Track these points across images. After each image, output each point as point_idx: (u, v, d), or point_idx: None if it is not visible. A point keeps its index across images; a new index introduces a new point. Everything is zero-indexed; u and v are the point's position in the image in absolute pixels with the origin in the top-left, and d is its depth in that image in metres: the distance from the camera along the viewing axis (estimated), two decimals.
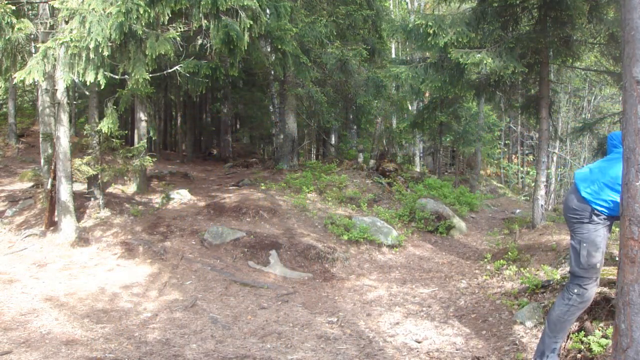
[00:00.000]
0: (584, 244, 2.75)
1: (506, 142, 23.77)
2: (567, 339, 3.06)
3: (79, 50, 4.81)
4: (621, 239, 2.04)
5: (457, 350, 3.32)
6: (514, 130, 22.80)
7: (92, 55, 4.83)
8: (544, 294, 3.99)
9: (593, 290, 2.74)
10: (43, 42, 5.48)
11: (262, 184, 9.47)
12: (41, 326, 3.71)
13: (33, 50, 7.72)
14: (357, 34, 11.25)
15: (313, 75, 9.72)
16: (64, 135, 6.05)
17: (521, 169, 22.77)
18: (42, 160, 7.27)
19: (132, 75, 5.20)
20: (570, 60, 7.66)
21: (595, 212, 2.75)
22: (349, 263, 5.97)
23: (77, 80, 5.52)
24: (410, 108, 17.03)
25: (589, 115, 18.01)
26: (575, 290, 2.74)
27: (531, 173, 20.56)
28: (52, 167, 6.35)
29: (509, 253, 5.66)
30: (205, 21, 5.54)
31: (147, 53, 5.08)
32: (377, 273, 5.70)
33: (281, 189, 9.01)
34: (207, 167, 14.11)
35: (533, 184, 10.31)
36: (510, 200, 14.82)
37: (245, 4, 5.43)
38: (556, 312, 2.79)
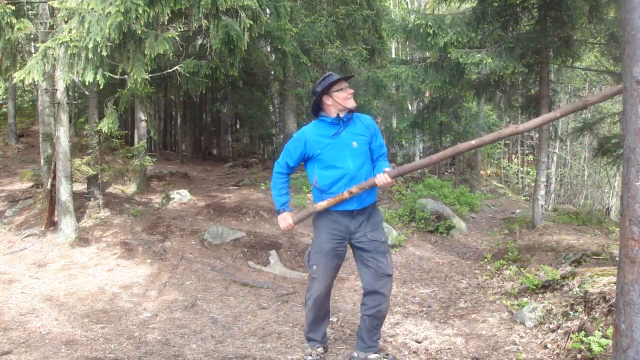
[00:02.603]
0: (309, 249, 2.98)
1: (506, 142, 23.75)
2: (568, 339, 3.06)
3: (79, 50, 4.80)
4: (621, 239, 2.04)
5: (457, 350, 3.32)
6: None
7: (91, 55, 4.82)
8: (544, 294, 3.99)
9: (314, 287, 2.91)
10: (43, 42, 5.47)
11: (262, 184, 9.47)
12: (41, 326, 3.71)
13: (33, 50, 7.72)
14: (357, 34, 11.25)
15: (313, 75, 9.71)
16: (63, 135, 6.04)
17: (521, 169, 22.78)
18: (42, 160, 7.26)
19: (132, 75, 5.19)
20: (570, 60, 7.66)
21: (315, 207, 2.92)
22: (349, 263, 5.97)
23: (76, 80, 5.52)
24: (410, 108, 17.02)
25: (589, 115, 17.99)
26: (308, 287, 3.00)
27: (531, 173, 20.56)
28: (52, 167, 6.35)
29: (509, 253, 5.66)
30: (205, 21, 5.53)
31: (146, 53, 5.06)
32: None
33: None
34: (207, 167, 14.12)
35: (533, 184, 10.30)
36: (510, 200, 14.82)
37: (245, 4, 5.43)
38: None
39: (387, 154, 3.10)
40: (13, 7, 5.09)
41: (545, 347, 3.18)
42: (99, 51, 4.78)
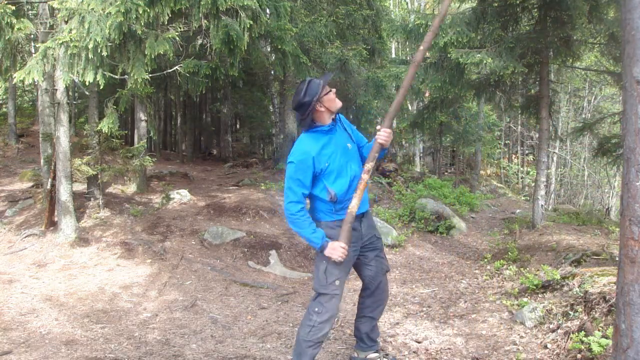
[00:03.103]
0: (324, 261, 2.63)
1: (506, 142, 23.77)
2: (568, 339, 3.06)
3: (79, 50, 4.80)
4: (621, 239, 2.04)
5: (457, 350, 3.32)
6: (514, 130, 22.81)
7: (91, 55, 4.82)
8: (544, 294, 3.99)
9: (334, 306, 2.65)
10: (43, 42, 5.47)
11: (262, 184, 9.48)
12: (41, 326, 3.71)
13: (33, 50, 7.72)
14: (357, 34, 11.25)
15: (313, 75, 9.73)
16: (63, 135, 6.04)
17: (521, 169, 22.79)
18: (42, 160, 7.26)
19: (132, 75, 5.19)
20: (570, 60, 7.65)
21: (324, 223, 2.67)
22: None
23: (76, 80, 5.52)
24: (410, 108, 17.03)
25: (589, 115, 18.00)
26: (316, 309, 2.63)
27: (531, 173, 20.57)
28: (52, 167, 6.35)
29: (509, 253, 5.66)
30: (205, 21, 5.53)
31: (146, 53, 5.06)
32: None
33: (281, 189, 9.01)
34: (207, 167, 14.12)
35: (533, 184, 10.31)
36: (510, 200, 14.82)
37: (245, 4, 5.43)
38: (301, 333, 2.66)
39: (387, 153, 3.08)
40: (13, 7, 5.08)
41: (545, 347, 3.18)
42: (99, 51, 4.78)
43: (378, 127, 2.73)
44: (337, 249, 2.58)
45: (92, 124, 7.36)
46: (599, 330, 2.93)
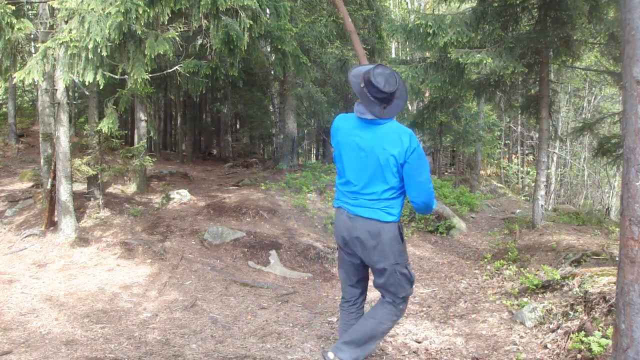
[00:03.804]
0: (407, 267, 2.59)
1: (506, 142, 23.76)
2: (568, 339, 3.06)
3: (79, 50, 4.80)
4: (621, 239, 2.04)
5: (457, 350, 3.32)
6: (514, 130, 22.81)
7: (91, 55, 4.82)
8: (544, 294, 3.99)
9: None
10: (43, 42, 5.47)
11: (262, 184, 9.48)
12: (41, 326, 3.71)
13: (33, 50, 7.72)
14: (357, 34, 11.27)
15: (313, 75, 9.73)
16: (63, 135, 6.04)
17: (521, 169, 22.78)
18: (42, 160, 7.26)
19: (132, 75, 5.20)
20: (570, 60, 7.66)
21: (398, 224, 2.53)
22: None
23: (76, 80, 5.52)
24: (410, 108, 17.03)
25: (589, 115, 18.01)
26: (401, 307, 2.64)
27: (531, 173, 20.56)
28: (52, 167, 6.35)
29: (509, 253, 5.66)
30: (205, 21, 5.53)
31: (146, 53, 5.07)
32: None
33: (281, 189, 9.01)
34: (207, 167, 14.12)
35: (533, 184, 10.31)
36: (510, 200, 14.82)
37: (245, 4, 5.43)
38: (381, 328, 2.61)
39: None
40: (13, 7, 5.08)
41: (545, 347, 3.18)
42: (99, 51, 4.78)
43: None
44: None
45: (92, 124, 7.36)
46: (599, 330, 2.93)
